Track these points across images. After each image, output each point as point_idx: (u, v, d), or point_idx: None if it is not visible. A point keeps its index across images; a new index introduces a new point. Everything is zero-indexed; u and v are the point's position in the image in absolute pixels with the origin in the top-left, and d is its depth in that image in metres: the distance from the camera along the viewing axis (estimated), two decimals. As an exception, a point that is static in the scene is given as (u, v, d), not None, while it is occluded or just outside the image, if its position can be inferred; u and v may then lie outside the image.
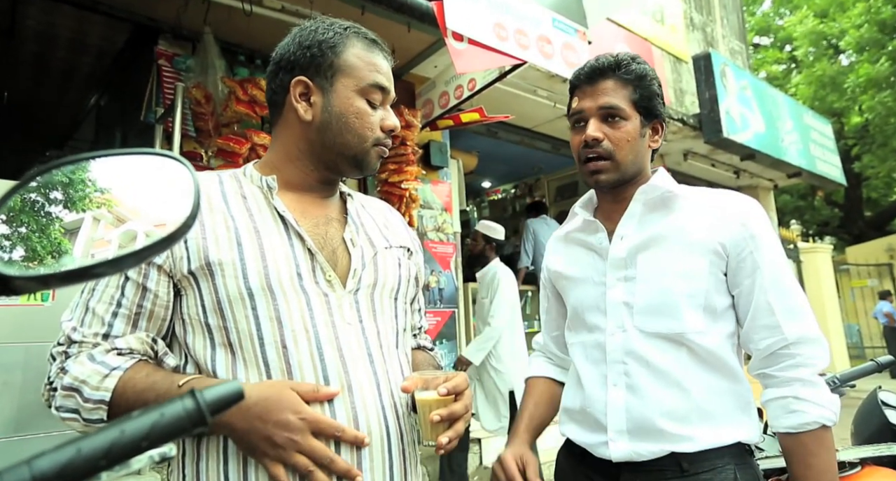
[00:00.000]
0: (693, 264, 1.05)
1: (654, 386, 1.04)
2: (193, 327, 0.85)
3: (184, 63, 3.28)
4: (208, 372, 0.84)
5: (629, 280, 1.09)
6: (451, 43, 2.74)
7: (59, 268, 0.34)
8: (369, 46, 0.95)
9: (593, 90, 1.11)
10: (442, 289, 4.43)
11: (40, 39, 4.09)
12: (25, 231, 0.51)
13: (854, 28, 13.07)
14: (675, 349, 1.05)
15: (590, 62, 1.13)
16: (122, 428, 0.30)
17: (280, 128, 0.97)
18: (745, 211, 1.08)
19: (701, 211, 1.09)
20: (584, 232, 1.20)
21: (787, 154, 6.86)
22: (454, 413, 0.84)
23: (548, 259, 1.31)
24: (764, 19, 17.77)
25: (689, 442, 1.01)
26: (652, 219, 1.12)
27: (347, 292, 0.90)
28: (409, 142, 3.96)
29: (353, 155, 0.93)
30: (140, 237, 0.50)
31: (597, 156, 1.10)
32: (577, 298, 1.18)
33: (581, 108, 1.12)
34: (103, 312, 0.83)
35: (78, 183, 0.53)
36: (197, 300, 0.84)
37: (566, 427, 1.19)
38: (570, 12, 3.49)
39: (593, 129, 1.09)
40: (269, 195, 0.91)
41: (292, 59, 0.93)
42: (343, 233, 0.95)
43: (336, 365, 0.84)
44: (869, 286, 12.22)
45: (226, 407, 0.34)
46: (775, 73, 16.75)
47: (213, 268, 0.83)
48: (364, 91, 0.92)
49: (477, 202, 8.57)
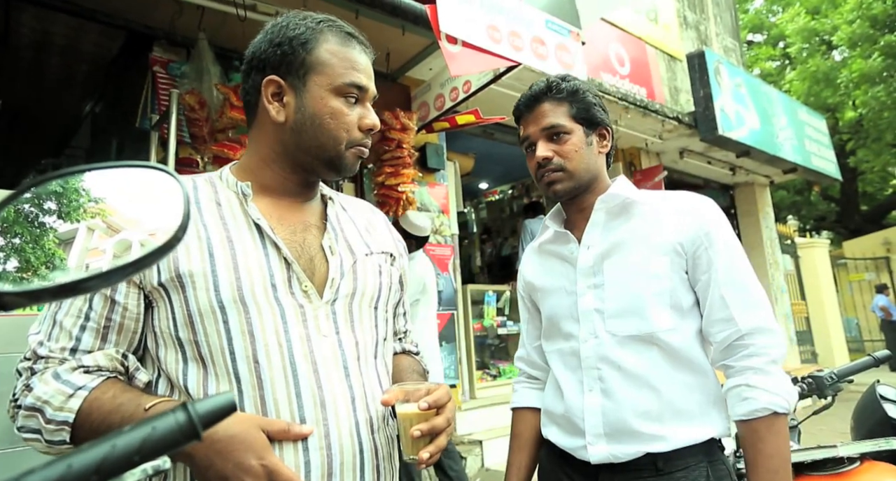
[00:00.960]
0: (656, 265, 1.11)
1: (627, 389, 1.09)
2: (165, 341, 0.81)
3: (178, 69, 3.28)
4: (180, 387, 0.80)
5: (598, 287, 1.14)
6: (445, 46, 2.74)
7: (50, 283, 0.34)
8: (344, 41, 0.90)
9: (534, 116, 1.19)
10: (441, 292, 4.42)
11: (35, 47, 4.09)
12: (19, 242, 0.51)
13: (846, 24, 13.11)
14: (646, 350, 1.09)
15: (526, 92, 1.22)
16: (114, 443, 0.30)
17: (255, 130, 0.93)
18: (698, 210, 1.14)
19: (660, 214, 1.15)
20: (556, 243, 1.25)
21: (782, 150, 6.88)
22: (435, 427, 0.81)
23: (523, 271, 1.36)
24: (757, 16, 17.82)
25: (664, 441, 1.05)
26: (614, 226, 1.18)
27: (324, 303, 0.86)
28: (405, 145, 3.96)
29: (330, 157, 0.88)
30: (135, 246, 0.50)
31: (551, 171, 1.18)
32: (552, 308, 1.22)
33: (527, 134, 1.21)
34: (71, 325, 0.79)
35: (72, 192, 0.53)
36: (168, 313, 0.80)
37: (548, 430, 1.23)
38: (564, 13, 3.49)
39: (542, 150, 1.17)
40: (243, 201, 0.87)
41: (263, 58, 0.88)
42: (322, 239, 0.91)
43: (309, 380, 0.81)
44: (866, 280, 12.25)
45: (217, 419, 0.34)
46: (769, 69, 16.79)
47: (184, 280, 0.79)
48: (339, 89, 0.87)
49: (474, 203, 8.57)
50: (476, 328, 5.09)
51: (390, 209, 3.91)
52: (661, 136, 6.22)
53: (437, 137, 4.59)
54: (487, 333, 5.33)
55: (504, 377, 5.24)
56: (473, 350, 4.91)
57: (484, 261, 8.03)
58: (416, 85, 4.40)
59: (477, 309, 5.23)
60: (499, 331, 5.32)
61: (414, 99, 4.39)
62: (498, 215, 8.45)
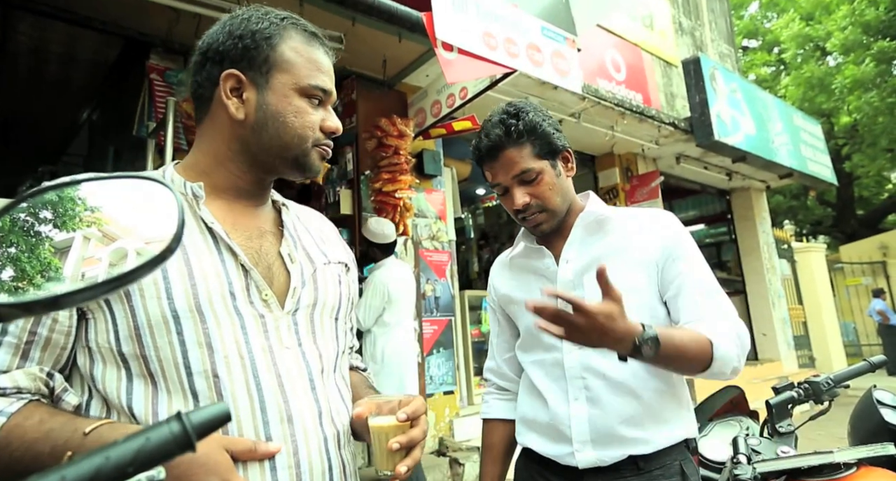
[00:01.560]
0: (634, 279, 1.17)
1: (612, 397, 1.14)
2: (103, 357, 0.73)
3: (175, 77, 3.28)
4: (120, 407, 0.73)
5: None
6: (441, 53, 2.75)
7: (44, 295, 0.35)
8: (308, 40, 0.86)
9: (500, 164, 1.19)
10: (438, 298, 4.42)
11: (32, 55, 4.09)
12: (15, 251, 0.51)
13: (839, 30, 13.19)
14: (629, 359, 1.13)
15: (483, 138, 1.21)
16: (107, 455, 0.30)
17: (207, 126, 0.86)
18: (666, 226, 1.21)
19: (633, 231, 1.22)
20: (529, 257, 1.29)
21: (778, 155, 6.91)
22: (413, 439, 0.78)
23: (494, 284, 1.38)
24: (751, 22, 17.94)
25: (646, 444, 1.13)
26: (591, 241, 1.23)
27: (285, 313, 0.81)
28: (402, 152, 3.97)
29: (294, 156, 0.84)
30: (130, 256, 0.50)
31: (532, 215, 1.20)
32: (531, 321, 1.20)
33: (498, 182, 1.22)
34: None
35: (67, 201, 0.53)
36: (108, 325, 0.72)
37: (526, 437, 1.26)
38: (559, 20, 3.51)
39: (520, 198, 1.18)
40: (194, 204, 0.80)
41: (221, 50, 0.83)
42: (279, 247, 0.86)
43: (275, 394, 0.76)
44: (863, 284, 12.28)
45: (212, 430, 0.34)
46: (764, 75, 16.89)
47: (130, 288, 0.71)
48: (304, 90, 0.83)
49: (471, 209, 8.57)
50: (474, 334, 5.08)
51: (388, 215, 3.91)
52: (658, 142, 6.24)
53: (433, 144, 4.60)
54: (485, 339, 5.32)
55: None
56: (471, 356, 4.91)
57: (481, 266, 8.03)
58: (413, 91, 4.41)
59: (474, 314, 5.22)
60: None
61: (410, 105, 4.40)
62: (495, 221, 8.46)
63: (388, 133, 3.91)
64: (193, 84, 0.87)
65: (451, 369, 4.42)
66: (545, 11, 3.51)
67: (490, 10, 3.02)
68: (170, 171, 0.86)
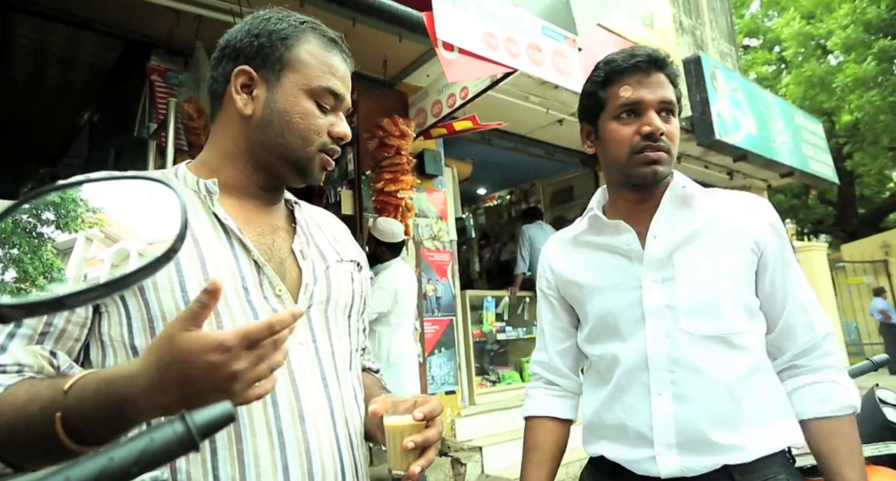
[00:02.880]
0: (733, 262, 1.02)
1: (704, 394, 0.98)
2: (115, 350, 0.73)
3: (176, 78, 3.29)
4: None
5: (667, 281, 1.03)
6: (442, 53, 2.75)
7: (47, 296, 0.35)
8: (326, 45, 0.85)
9: (650, 81, 1.04)
10: (439, 298, 4.42)
11: (32, 57, 4.10)
12: (17, 253, 0.51)
13: (840, 29, 13.19)
14: (726, 351, 1.00)
15: (641, 50, 1.06)
16: (111, 456, 0.30)
17: (219, 122, 0.87)
18: (770, 211, 1.08)
19: (730, 209, 1.07)
20: (602, 234, 1.12)
21: (779, 154, 6.90)
22: (428, 439, 0.77)
23: (552, 265, 1.21)
24: (752, 21, 17.92)
25: (742, 452, 0.96)
26: (680, 217, 1.07)
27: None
28: (403, 152, 3.97)
29: (295, 159, 0.83)
30: (133, 256, 0.50)
31: (659, 149, 1.04)
32: (604, 306, 1.09)
33: (639, 98, 1.04)
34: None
35: (70, 202, 0.53)
36: (122, 318, 0.72)
37: (597, 445, 1.11)
38: (560, 20, 3.51)
39: (659, 122, 1.03)
40: (207, 201, 0.81)
41: (238, 47, 0.83)
42: (291, 243, 0.87)
43: (286, 390, 0.76)
44: (865, 283, 12.25)
45: (216, 429, 0.34)
46: (765, 73, 16.87)
47: (144, 283, 0.71)
48: (314, 92, 0.83)
49: (472, 209, 8.58)
50: (475, 334, 5.08)
51: (389, 215, 3.91)
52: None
53: (434, 144, 4.60)
54: (487, 339, 5.32)
55: (503, 383, 5.23)
56: (473, 356, 4.91)
57: (482, 266, 8.03)
58: (414, 91, 4.41)
59: (476, 314, 5.22)
60: (498, 336, 5.31)
61: (411, 105, 4.40)
62: (496, 221, 8.45)
63: (390, 133, 3.91)
64: (210, 80, 0.87)
65: (453, 369, 4.42)
66: (546, 11, 3.50)
67: (490, 9, 3.02)
68: (182, 170, 0.86)
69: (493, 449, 4.01)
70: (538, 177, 7.49)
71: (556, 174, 7.19)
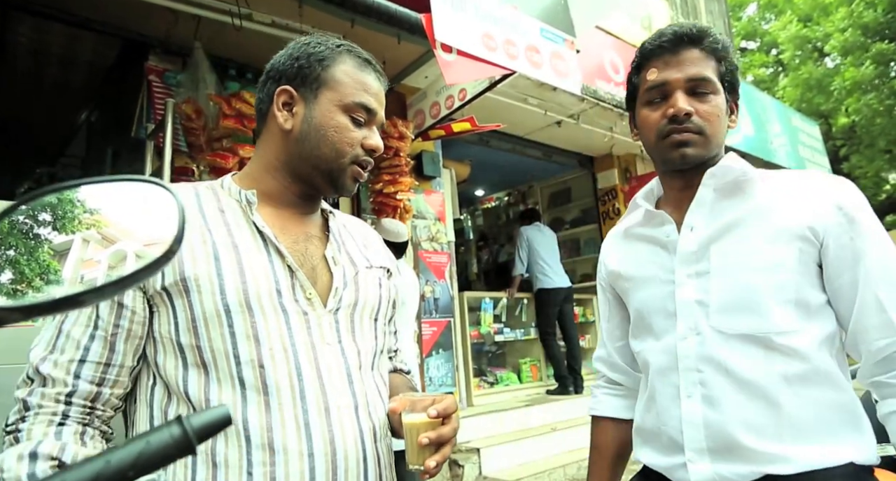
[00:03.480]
0: (778, 253, 0.91)
1: (735, 398, 0.90)
2: (164, 346, 0.81)
3: (174, 78, 3.28)
4: (179, 393, 0.80)
5: (701, 275, 0.96)
6: (440, 54, 2.76)
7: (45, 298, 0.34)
8: (361, 65, 0.93)
9: (678, 60, 0.98)
10: (437, 299, 4.42)
11: (30, 56, 4.09)
12: (14, 254, 0.51)
13: (838, 32, 13.24)
14: (761, 353, 0.90)
15: (669, 29, 1.00)
16: (108, 459, 0.30)
17: (263, 138, 0.95)
18: (838, 191, 0.93)
19: (784, 193, 0.95)
20: (647, 226, 1.07)
21: (776, 156, 6.91)
22: (443, 436, 0.82)
23: (605, 259, 1.18)
24: (749, 24, 17.97)
25: (785, 463, 0.86)
26: (725, 206, 0.98)
27: (328, 311, 0.87)
28: (402, 153, 3.97)
29: (329, 170, 0.90)
30: (130, 258, 0.49)
31: (686, 130, 0.97)
32: (641, 300, 1.05)
33: (664, 79, 0.98)
34: (80, 334, 0.78)
35: (67, 203, 0.53)
36: (170, 317, 0.80)
37: (640, 451, 1.06)
38: (558, 22, 3.52)
39: (684, 102, 0.96)
40: (247, 210, 0.88)
41: (280, 69, 0.92)
42: (324, 250, 0.93)
43: (314, 385, 0.82)
44: (862, 285, 12.28)
45: (214, 432, 0.34)
46: (762, 76, 16.92)
47: (189, 284, 0.79)
48: (348, 107, 0.90)
49: (470, 210, 8.58)
50: (473, 335, 5.08)
51: (388, 216, 3.91)
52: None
53: (432, 145, 4.61)
54: (484, 340, 5.32)
55: (501, 384, 5.23)
56: (470, 357, 4.90)
57: (480, 268, 8.03)
58: (412, 93, 4.42)
59: (474, 316, 5.22)
60: (496, 338, 5.32)
61: (409, 107, 4.40)
62: (494, 222, 8.46)
63: (389, 134, 3.91)
64: (257, 101, 0.96)
65: (451, 370, 4.41)
66: (544, 13, 3.51)
67: (489, 11, 3.02)
68: (227, 181, 0.94)
69: (490, 451, 4.01)
70: (536, 179, 7.50)
71: (553, 176, 7.20)
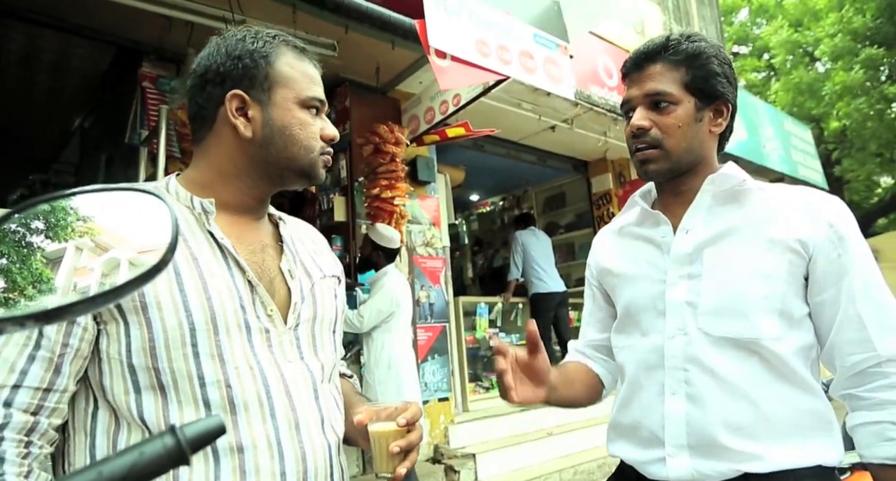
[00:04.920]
0: (770, 263, 0.95)
1: (718, 397, 0.94)
2: (111, 368, 0.74)
3: (168, 84, 3.28)
4: (130, 417, 0.74)
5: (693, 277, 1.00)
6: (434, 60, 2.77)
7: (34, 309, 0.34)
8: (299, 55, 0.89)
9: (640, 77, 1.03)
10: (432, 304, 4.42)
11: (23, 63, 4.08)
12: (6, 262, 0.51)
13: (828, 37, 13.36)
14: (745, 356, 0.94)
15: (639, 47, 1.06)
16: (100, 470, 0.30)
17: (211, 144, 0.88)
18: (832, 210, 0.98)
19: (780, 205, 0.99)
20: (642, 225, 1.11)
21: (769, 160, 6.96)
22: (411, 443, 0.83)
23: (595, 254, 1.21)
24: (741, 29, 18.12)
25: (760, 461, 0.90)
26: (721, 212, 1.02)
27: (288, 328, 0.85)
28: (398, 159, 3.98)
29: (301, 166, 0.87)
30: (123, 266, 0.49)
31: (645, 146, 1.02)
32: (631, 297, 1.08)
33: (628, 97, 1.05)
34: (15, 356, 0.69)
35: (59, 211, 0.53)
36: (121, 336, 0.73)
37: (616, 445, 1.09)
38: (552, 27, 3.54)
39: (638, 118, 1.02)
40: (204, 220, 0.83)
41: (221, 71, 0.85)
42: (279, 261, 0.90)
43: (283, 401, 0.79)
44: (855, 288, 12.35)
45: (207, 442, 0.34)
46: (754, 80, 17.05)
47: (147, 299, 0.73)
48: (304, 102, 0.87)
49: (465, 215, 8.59)
50: (468, 340, 5.07)
51: (383, 221, 3.91)
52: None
53: (427, 150, 4.61)
54: (480, 345, 5.31)
55: (497, 389, 5.21)
56: (466, 362, 4.89)
57: (475, 272, 8.03)
58: (406, 98, 4.42)
59: (469, 321, 5.21)
60: (491, 342, 5.31)
61: (404, 112, 4.41)
62: (489, 227, 8.46)
63: (386, 140, 3.91)
64: (193, 106, 0.89)
65: (446, 376, 4.40)
66: (537, 19, 3.53)
67: (483, 17, 3.04)
68: (173, 184, 0.88)
69: (486, 456, 4.00)
70: (531, 184, 7.52)
71: (548, 180, 7.21)
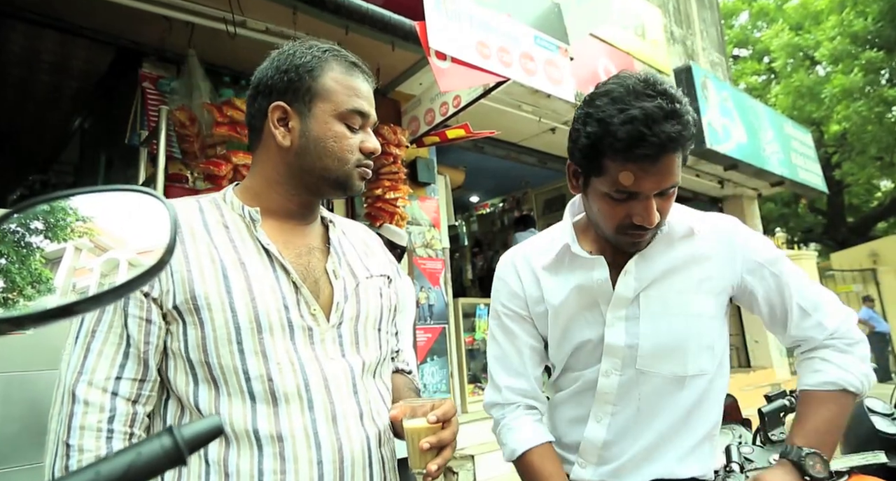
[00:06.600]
0: (701, 304, 1.03)
1: (637, 431, 1.04)
2: (176, 362, 0.84)
3: (168, 85, 3.28)
4: (191, 407, 0.83)
5: (630, 319, 1.03)
6: (435, 62, 2.77)
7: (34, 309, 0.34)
8: (349, 69, 0.93)
9: (657, 169, 0.91)
10: (432, 306, 4.42)
11: (24, 63, 4.08)
12: (5, 263, 0.51)
13: (828, 40, 13.38)
14: (674, 390, 1.03)
15: (652, 134, 0.88)
16: (98, 470, 0.30)
17: (260, 153, 0.95)
18: (761, 248, 1.06)
19: (714, 244, 1.05)
20: (573, 270, 1.08)
21: (769, 163, 6.97)
22: (443, 440, 0.84)
23: (515, 285, 1.14)
24: (742, 32, 18.15)
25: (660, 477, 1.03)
26: (659, 252, 1.04)
27: (331, 326, 0.90)
28: (399, 161, 3.98)
29: (335, 177, 0.92)
30: (122, 266, 0.49)
31: (651, 235, 1.01)
32: (564, 332, 1.09)
33: (639, 190, 0.92)
34: (113, 353, 0.80)
35: (59, 211, 0.53)
36: (180, 334, 0.82)
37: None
38: (552, 29, 3.55)
39: (655, 215, 0.94)
40: (252, 227, 0.90)
41: (269, 84, 0.92)
42: (325, 263, 0.95)
43: (321, 394, 0.85)
44: (854, 291, 12.35)
45: (204, 443, 0.34)
46: (755, 84, 17.07)
47: (199, 302, 0.81)
48: (342, 116, 0.91)
49: (465, 217, 8.59)
50: (468, 341, 5.07)
51: (384, 222, 3.91)
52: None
53: (427, 152, 4.61)
54: (479, 346, 5.31)
55: (496, 391, 5.20)
56: (465, 363, 4.89)
57: (475, 274, 8.03)
58: (407, 100, 4.43)
59: (468, 322, 5.21)
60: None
61: (404, 113, 4.41)
62: (489, 228, 8.47)
63: (389, 141, 3.91)
64: (247, 116, 0.97)
65: (446, 377, 4.40)
66: (538, 21, 3.54)
67: (484, 19, 3.04)
68: (230, 194, 0.95)
69: (485, 458, 3.99)
70: (530, 185, 7.52)
71: (548, 182, 7.22)
